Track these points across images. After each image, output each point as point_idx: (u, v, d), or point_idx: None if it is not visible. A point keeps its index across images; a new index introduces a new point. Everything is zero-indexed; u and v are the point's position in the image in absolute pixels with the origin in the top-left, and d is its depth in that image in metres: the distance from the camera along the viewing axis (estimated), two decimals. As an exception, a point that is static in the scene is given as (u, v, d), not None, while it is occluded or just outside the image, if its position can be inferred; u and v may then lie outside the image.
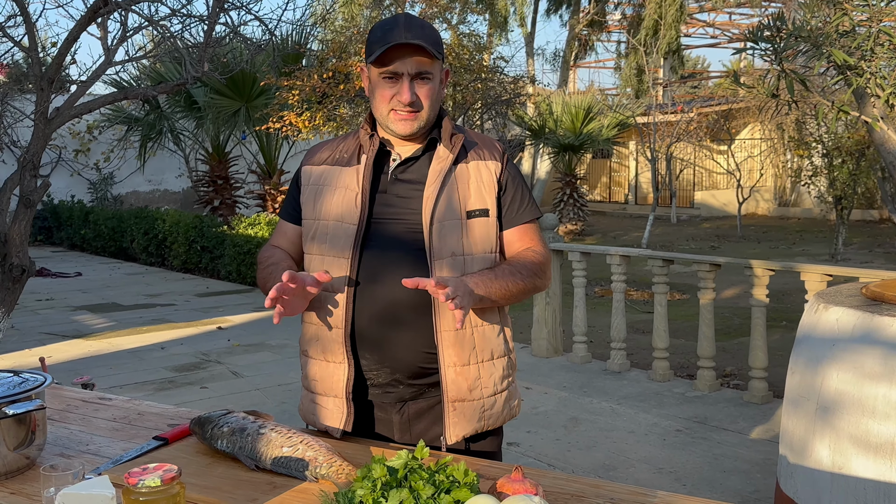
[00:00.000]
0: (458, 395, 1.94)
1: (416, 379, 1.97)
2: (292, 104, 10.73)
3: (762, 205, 21.77)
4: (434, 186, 1.95)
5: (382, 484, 1.41)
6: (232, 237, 11.50)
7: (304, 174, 2.08)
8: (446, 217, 1.94)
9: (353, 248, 1.93)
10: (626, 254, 6.46)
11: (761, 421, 5.19)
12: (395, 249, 1.94)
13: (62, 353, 7.25)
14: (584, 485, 1.68)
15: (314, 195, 2.03)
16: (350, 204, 1.96)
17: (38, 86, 4.91)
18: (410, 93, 1.90)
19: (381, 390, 1.99)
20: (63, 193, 17.11)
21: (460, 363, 1.94)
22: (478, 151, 2.03)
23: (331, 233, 1.97)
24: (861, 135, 12.66)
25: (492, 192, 2.00)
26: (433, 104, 1.95)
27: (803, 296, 5.38)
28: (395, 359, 1.94)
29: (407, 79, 1.91)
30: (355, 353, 1.95)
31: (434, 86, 1.95)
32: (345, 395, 1.95)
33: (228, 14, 5.36)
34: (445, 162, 1.97)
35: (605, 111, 17.86)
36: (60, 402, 2.23)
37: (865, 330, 2.91)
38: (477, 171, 2.00)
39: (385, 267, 1.93)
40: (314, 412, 2.02)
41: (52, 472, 1.51)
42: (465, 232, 1.95)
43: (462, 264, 1.93)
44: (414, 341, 1.93)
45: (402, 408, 2.00)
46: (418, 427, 2.00)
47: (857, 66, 4.27)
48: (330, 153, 2.07)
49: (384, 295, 1.92)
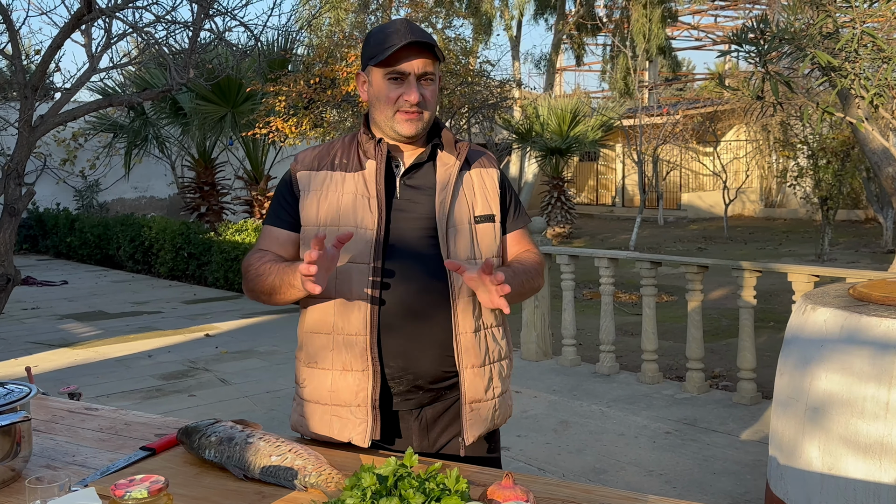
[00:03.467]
0: (476, 395, 1.98)
1: (436, 383, 1.98)
2: (279, 110, 10.71)
3: (748, 206, 21.87)
4: (446, 192, 1.98)
5: (372, 493, 1.40)
6: (219, 243, 11.46)
7: (301, 179, 2.02)
8: (458, 222, 1.98)
9: (374, 254, 1.91)
10: (614, 256, 6.46)
11: (750, 422, 5.21)
12: (414, 255, 1.95)
13: (48, 362, 7.20)
14: (576, 490, 1.68)
15: (318, 201, 1.98)
16: (365, 210, 1.94)
17: (21, 94, 4.88)
18: (418, 92, 1.93)
19: (401, 398, 1.98)
20: (48, 201, 17.01)
21: (477, 364, 1.98)
22: (478, 158, 2.09)
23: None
24: (846, 135, 12.75)
25: (496, 197, 2.06)
26: (435, 104, 2.00)
27: (790, 296, 5.40)
28: (418, 365, 1.95)
29: (414, 79, 1.93)
30: (381, 359, 1.93)
31: (436, 88, 1.99)
32: (370, 405, 1.92)
33: (213, 20, 5.34)
34: (453, 168, 2.02)
35: (591, 114, 17.91)
36: (46, 412, 2.21)
37: (853, 330, 2.92)
38: (480, 178, 2.06)
39: (406, 273, 1.93)
40: (330, 425, 1.96)
41: (37, 484, 1.49)
42: (475, 237, 2.00)
43: (475, 268, 1.94)
44: (435, 346, 1.95)
45: (420, 413, 2.00)
46: (435, 430, 2.02)
47: (841, 67, 4.29)
48: (325, 158, 2.03)
49: (407, 301, 1.93)
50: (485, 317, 2.00)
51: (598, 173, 24.93)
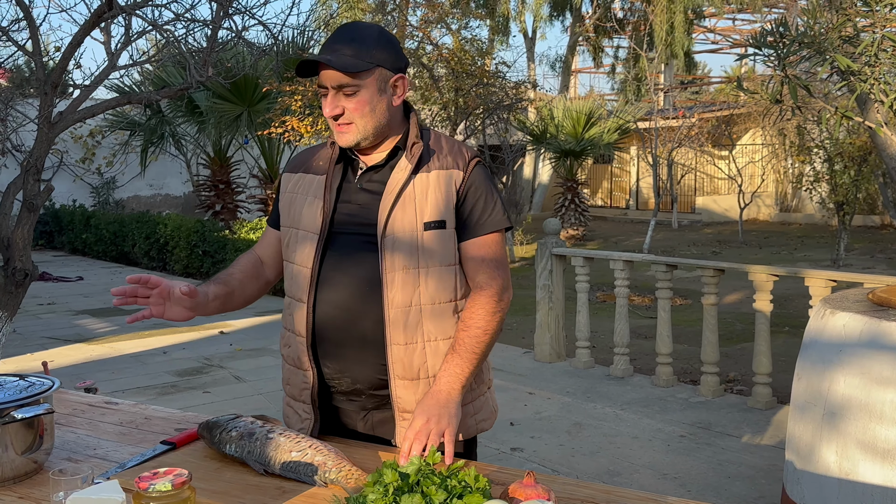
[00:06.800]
0: (408, 407, 1.94)
1: (377, 390, 1.97)
2: (294, 109, 10.73)
3: (763, 210, 21.76)
4: (390, 197, 1.92)
5: (394, 489, 1.41)
6: (234, 241, 11.50)
7: (284, 181, 2.11)
8: (401, 229, 1.91)
9: (315, 257, 1.94)
10: (630, 259, 6.45)
11: (765, 426, 5.18)
12: (352, 260, 1.94)
13: (64, 357, 7.24)
14: (595, 490, 1.68)
15: (289, 203, 2.05)
16: (315, 213, 1.97)
17: (41, 90, 4.90)
18: (332, 106, 1.89)
19: (345, 397, 2.01)
20: (65, 198, 17.11)
21: (408, 377, 1.93)
22: (441, 159, 1.96)
23: (299, 241, 1.99)
24: (863, 140, 12.66)
25: (449, 202, 1.93)
26: (368, 114, 1.89)
27: (806, 301, 5.38)
28: (354, 369, 1.95)
29: (332, 91, 1.88)
30: (318, 361, 1.97)
31: (364, 98, 1.88)
32: (311, 401, 1.98)
33: (232, 19, 5.35)
34: (404, 172, 1.93)
35: (606, 116, 17.87)
36: (66, 406, 2.22)
37: (873, 335, 2.91)
38: (437, 181, 1.94)
39: (340, 278, 1.94)
40: (287, 415, 2.07)
41: (60, 476, 1.50)
42: (421, 244, 1.91)
43: (416, 276, 1.91)
44: (369, 353, 1.94)
45: (366, 416, 2.02)
46: (382, 435, 2.01)
47: (860, 71, 4.27)
48: (307, 161, 2.08)
49: (340, 305, 1.93)
50: (425, 329, 1.92)
51: (612, 176, 24.87)
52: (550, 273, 6.92)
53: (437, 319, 1.94)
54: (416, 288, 1.91)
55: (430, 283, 1.92)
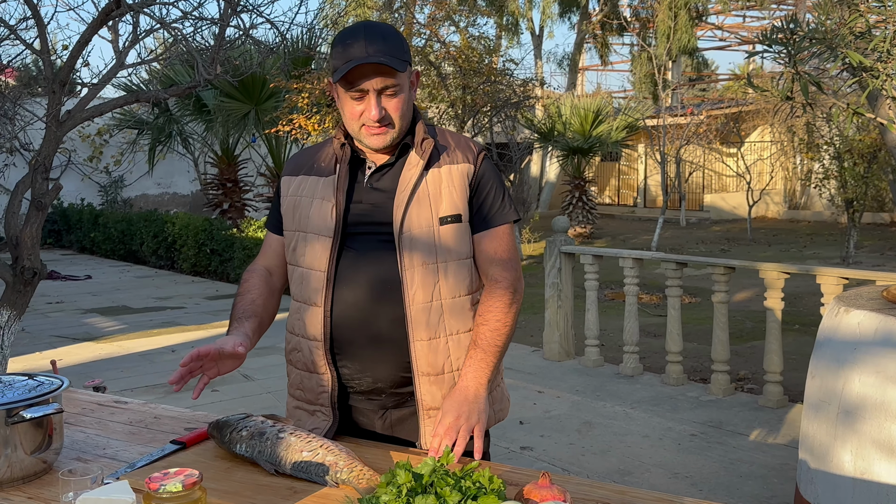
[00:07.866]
0: (434, 404, 1.93)
1: (398, 388, 1.96)
2: (302, 107, 10.72)
3: (772, 208, 21.68)
4: (404, 195, 1.91)
5: (408, 490, 1.39)
6: (241, 240, 11.50)
7: (284, 184, 2.07)
8: (417, 225, 1.91)
9: (329, 260, 1.92)
10: (640, 257, 6.42)
11: (777, 425, 5.15)
12: (367, 260, 1.93)
13: (72, 355, 7.25)
14: (609, 491, 1.65)
15: (293, 206, 2.02)
16: (326, 215, 1.94)
17: (49, 89, 4.90)
18: (378, 109, 1.86)
19: (364, 396, 1.99)
20: (73, 197, 17.15)
21: (433, 373, 1.92)
22: (450, 154, 1.97)
23: (309, 244, 1.96)
24: (872, 137, 12.60)
25: (464, 196, 1.95)
26: (404, 114, 1.90)
27: (816, 299, 5.34)
28: (376, 369, 1.94)
29: (374, 95, 1.85)
30: (336, 363, 1.95)
31: (403, 97, 1.89)
32: (330, 405, 1.96)
33: (240, 17, 5.34)
34: (416, 169, 1.93)
35: (614, 114, 17.82)
36: (75, 405, 2.21)
37: (888, 333, 2.87)
38: (449, 176, 1.95)
39: (357, 278, 1.92)
40: (300, 420, 2.03)
41: (70, 476, 1.49)
42: (438, 239, 1.91)
43: (435, 272, 1.91)
44: (391, 352, 1.92)
45: (385, 414, 2.00)
46: (400, 434, 2.00)
47: (872, 67, 4.23)
48: (308, 162, 2.05)
49: (359, 306, 1.91)
50: (446, 324, 1.93)
51: (620, 173, 24.81)
52: (559, 271, 6.90)
53: (458, 313, 1.94)
54: (435, 283, 1.90)
55: (448, 278, 1.92)
